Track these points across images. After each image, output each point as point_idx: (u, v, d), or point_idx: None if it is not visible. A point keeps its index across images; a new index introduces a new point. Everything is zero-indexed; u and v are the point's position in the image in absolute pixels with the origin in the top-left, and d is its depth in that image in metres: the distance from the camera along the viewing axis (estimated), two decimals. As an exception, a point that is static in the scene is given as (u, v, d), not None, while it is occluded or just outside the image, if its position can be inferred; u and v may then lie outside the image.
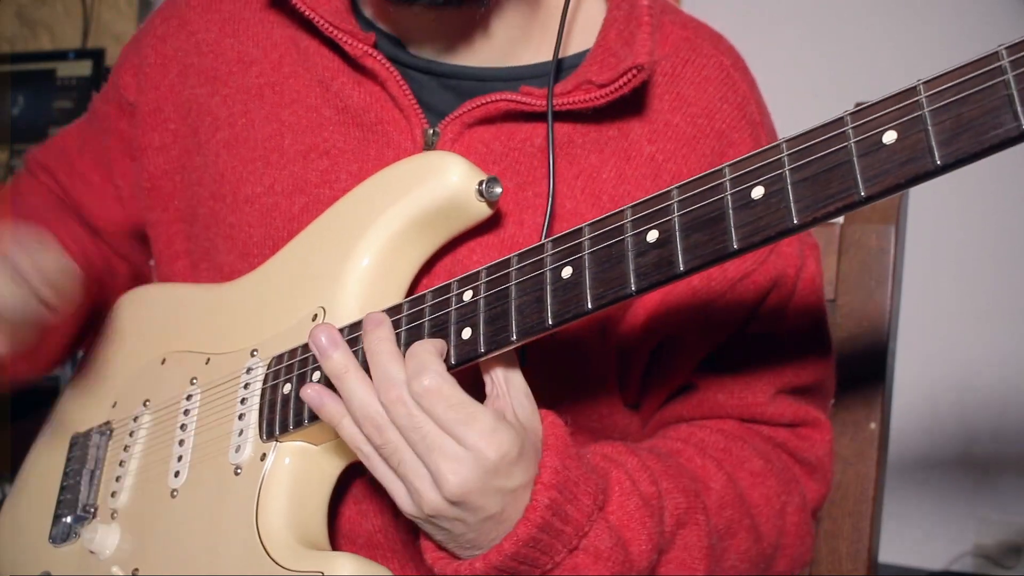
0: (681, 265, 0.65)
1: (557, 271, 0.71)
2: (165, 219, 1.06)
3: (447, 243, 0.89)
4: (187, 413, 0.94)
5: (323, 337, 0.77)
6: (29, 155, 1.20)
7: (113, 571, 0.91)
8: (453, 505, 0.72)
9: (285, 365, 0.86)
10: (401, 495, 0.75)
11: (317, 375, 0.82)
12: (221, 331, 0.96)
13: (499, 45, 0.95)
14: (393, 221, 0.85)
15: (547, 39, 0.95)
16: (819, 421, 0.99)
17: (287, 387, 0.84)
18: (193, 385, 0.95)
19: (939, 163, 0.57)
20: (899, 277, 1.22)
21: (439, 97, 0.95)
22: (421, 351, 0.73)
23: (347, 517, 0.93)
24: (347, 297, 0.86)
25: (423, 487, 0.72)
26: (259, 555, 0.81)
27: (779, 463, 0.95)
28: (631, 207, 0.69)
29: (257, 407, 0.87)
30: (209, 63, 1.00)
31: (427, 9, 0.86)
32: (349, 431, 0.76)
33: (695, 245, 0.65)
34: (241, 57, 0.99)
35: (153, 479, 0.94)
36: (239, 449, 0.87)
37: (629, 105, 0.90)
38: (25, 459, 1.12)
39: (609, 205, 0.91)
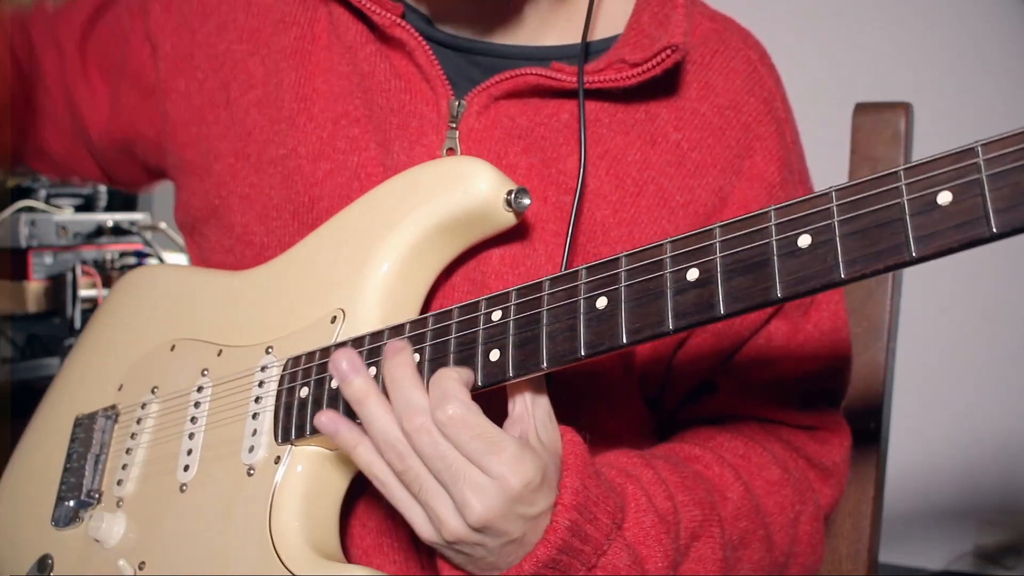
0: (722, 308, 0.65)
1: (591, 300, 0.70)
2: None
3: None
4: (198, 406, 0.93)
5: (344, 363, 0.76)
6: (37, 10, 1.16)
7: (119, 563, 0.90)
8: (475, 532, 0.72)
9: (302, 368, 0.85)
10: (420, 521, 0.75)
11: (335, 382, 0.81)
12: (235, 322, 0.94)
13: (528, 26, 0.94)
14: (417, 226, 0.84)
15: (574, 24, 0.94)
16: (838, 424, 1.00)
17: (304, 391, 0.84)
18: (204, 377, 0.94)
19: (995, 231, 0.56)
20: (899, 277, 1.22)
21: (466, 71, 0.94)
22: (445, 378, 0.72)
23: (352, 514, 0.93)
24: (367, 301, 0.85)
25: (445, 514, 0.72)
26: (272, 560, 0.81)
27: (796, 471, 0.96)
28: (671, 241, 0.68)
29: (272, 409, 0.86)
30: (255, 23, 0.98)
31: None
32: (365, 458, 0.76)
33: (737, 289, 0.64)
34: (283, 17, 0.97)
35: (161, 471, 0.93)
36: (252, 450, 0.86)
37: (659, 88, 0.91)
38: (26, 430, 1.11)
39: (632, 189, 0.91)
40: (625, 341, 0.68)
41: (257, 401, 0.88)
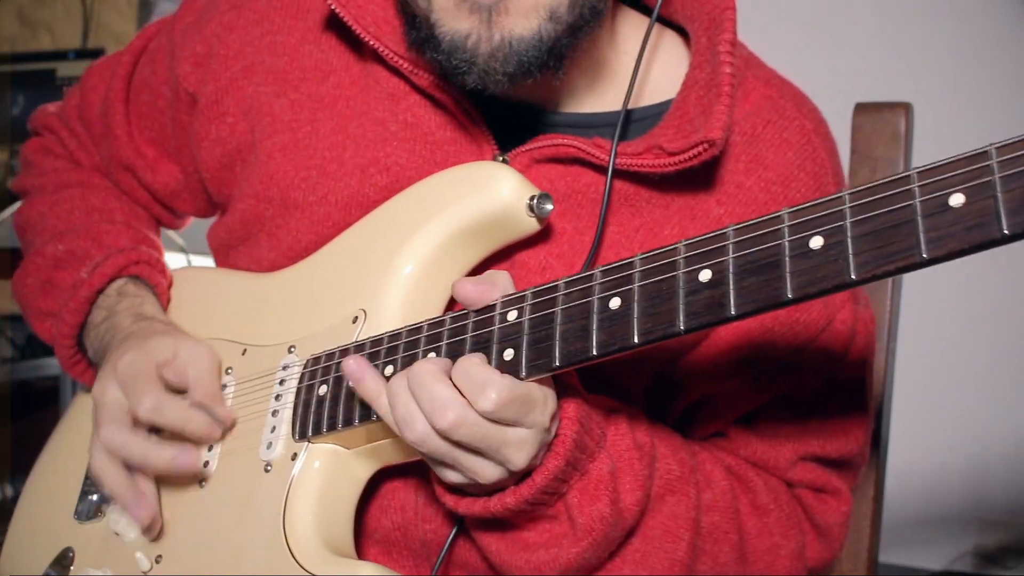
0: (733, 308, 0.65)
1: (605, 301, 0.71)
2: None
3: (491, 257, 0.89)
4: (220, 403, 0.94)
5: (352, 364, 0.79)
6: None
7: (136, 556, 0.92)
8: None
9: (322, 367, 0.86)
10: (450, 475, 0.78)
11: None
12: (260, 323, 0.96)
13: (571, 92, 0.93)
14: (441, 229, 0.85)
15: (621, 86, 0.92)
16: (840, 492, 0.98)
17: (323, 389, 0.85)
18: (228, 375, 0.95)
19: (1006, 232, 0.56)
20: (899, 277, 1.22)
21: (506, 128, 0.93)
22: (471, 366, 0.73)
23: (366, 513, 0.94)
24: (388, 302, 0.86)
25: (485, 473, 0.76)
26: (284, 556, 0.82)
27: (788, 508, 0.95)
28: (685, 243, 0.69)
29: (291, 406, 0.87)
30: (283, 65, 0.98)
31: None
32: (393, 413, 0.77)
33: (749, 289, 0.65)
34: (320, 66, 0.97)
35: (182, 467, 0.94)
36: (271, 446, 0.87)
37: (698, 172, 0.88)
38: (58, 425, 1.13)
39: None
40: (637, 341, 0.69)
41: (278, 399, 0.89)
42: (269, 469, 0.86)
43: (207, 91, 1.01)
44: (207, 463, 0.92)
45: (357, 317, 0.87)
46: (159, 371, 0.91)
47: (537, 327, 0.74)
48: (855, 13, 2.61)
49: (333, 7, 0.91)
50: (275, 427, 0.88)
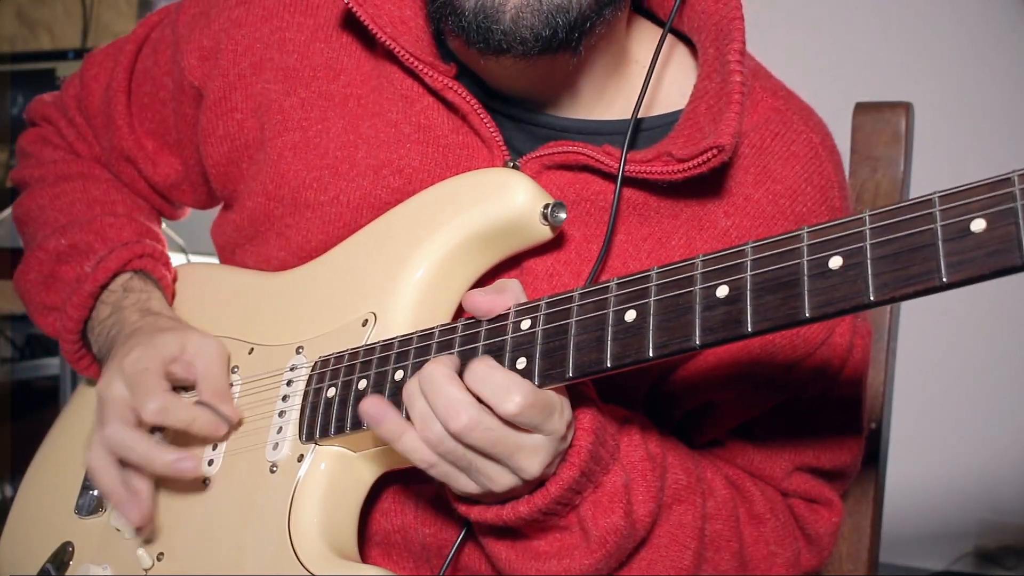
0: (749, 325, 0.65)
1: (620, 313, 0.71)
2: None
3: (501, 263, 0.88)
4: (226, 402, 0.93)
5: (371, 408, 0.77)
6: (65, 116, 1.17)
7: (139, 552, 0.91)
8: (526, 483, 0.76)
9: (331, 369, 0.86)
10: (465, 485, 0.78)
11: (363, 383, 0.82)
12: (267, 322, 0.95)
13: (582, 97, 0.93)
14: (453, 234, 0.85)
15: (631, 95, 0.92)
16: (832, 503, 0.99)
17: (331, 391, 0.85)
18: (235, 374, 0.95)
19: (1028, 259, 0.57)
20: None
21: (517, 135, 0.94)
22: (489, 369, 0.73)
23: (367, 515, 0.94)
24: (398, 306, 0.85)
25: (501, 480, 0.76)
26: (288, 557, 0.82)
27: (784, 518, 0.96)
28: (702, 258, 0.69)
29: (299, 407, 0.87)
30: (292, 63, 0.97)
31: (519, 60, 0.84)
32: (410, 445, 0.76)
33: (766, 307, 0.65)
34: (331, 64, 0.96)
35: (186, 464, 0.94)
36: (277, 447, 0.87)
37: (707, 181, 0.88)
38: (59, 417, 1.12)
39: None
40: (651, 354, 0.69)
41: (285, 400, 0.89)
42: (275, 470, 0.86)
43: (214, 86, 1.00)
44: (211, 462, 0.92)
45: (367, 320, 0.86)
46: (166, 368, 0.90)
47: (551, 337, 0.74)
48: (855, 13, 2.61)
49: (350, 6, 0.90)
50: (281, 428, 0.87)
